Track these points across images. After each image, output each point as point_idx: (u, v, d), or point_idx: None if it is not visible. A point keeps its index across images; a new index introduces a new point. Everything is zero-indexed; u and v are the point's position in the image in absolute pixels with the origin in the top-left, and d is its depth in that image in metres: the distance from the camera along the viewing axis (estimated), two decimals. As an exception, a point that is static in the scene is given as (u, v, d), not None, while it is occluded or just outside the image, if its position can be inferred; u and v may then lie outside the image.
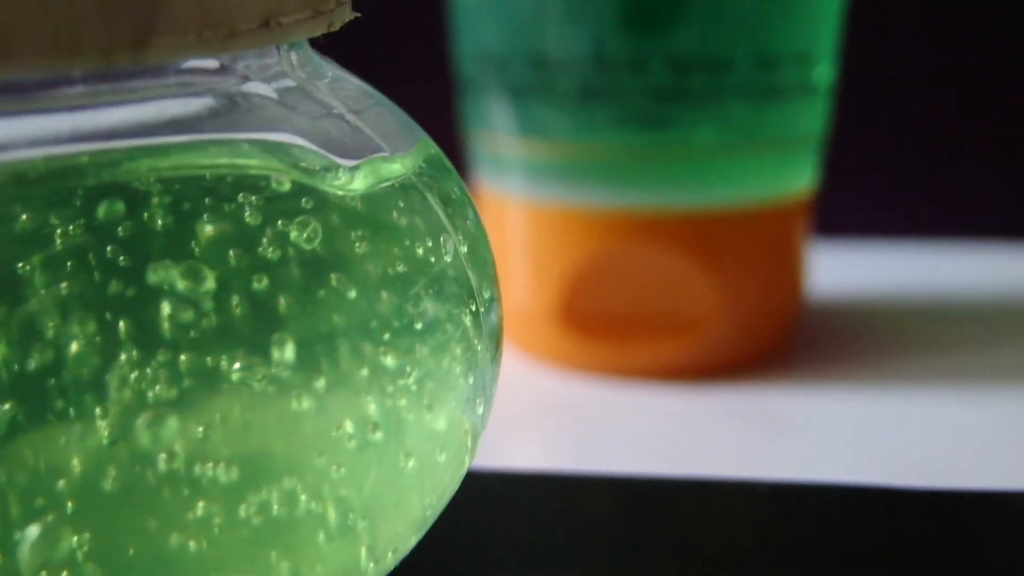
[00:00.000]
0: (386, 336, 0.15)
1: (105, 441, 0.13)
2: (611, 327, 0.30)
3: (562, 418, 0.28)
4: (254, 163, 0.14)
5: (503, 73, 0.29)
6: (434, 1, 0.35)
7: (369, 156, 0.15)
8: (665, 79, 0.28)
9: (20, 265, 0.13)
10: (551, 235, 0.30)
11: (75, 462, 0.13)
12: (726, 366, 0.30)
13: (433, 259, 0.15)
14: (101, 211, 0.13)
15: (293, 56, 0.16)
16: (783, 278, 0.31)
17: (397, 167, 0.16)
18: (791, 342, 0.31)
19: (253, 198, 0.14)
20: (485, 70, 0.30)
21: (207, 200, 0.14)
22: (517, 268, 0.30)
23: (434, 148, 0.17)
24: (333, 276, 0.14)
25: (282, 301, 0.14)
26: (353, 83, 0.17)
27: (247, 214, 0.14)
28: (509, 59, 0.29)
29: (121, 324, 0.13)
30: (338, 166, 0.15)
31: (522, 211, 0.30)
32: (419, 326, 0.15)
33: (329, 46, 0.16)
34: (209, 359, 0.13)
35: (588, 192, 0.29)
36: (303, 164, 0.15)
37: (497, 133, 0.30)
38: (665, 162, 0.29)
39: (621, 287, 0.29)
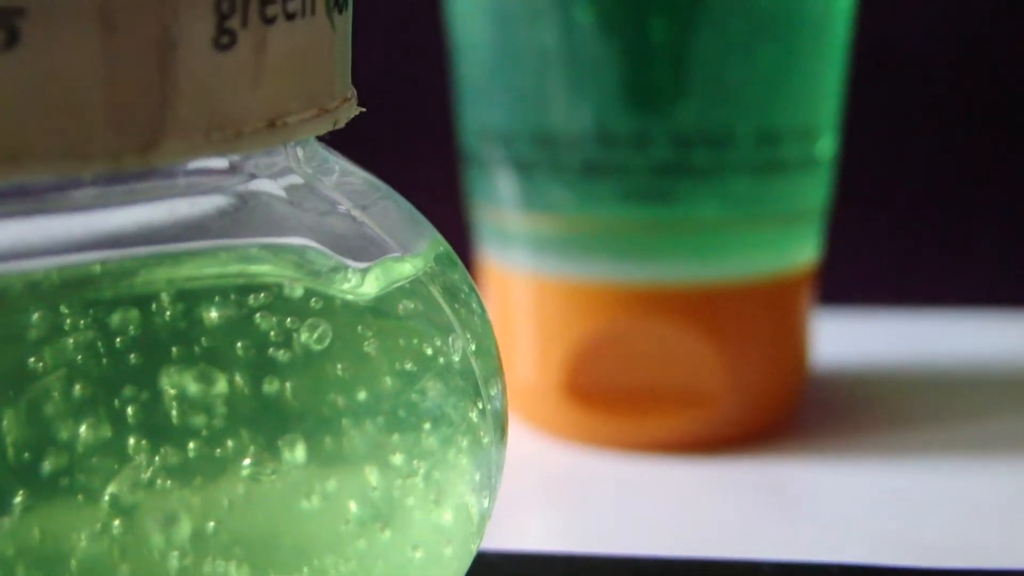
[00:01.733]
0: (394, 436, 0.15)
1: (115, 542, 0.13)
2: (616, 400, 0.30)
3: (567, 493, 0.28)
4: (265, 269, 0.14)
5: (507, 148, 0.30)
6: (440, 77, 0.36)
7: (380, 257, 0.16)
8: (668, 154, 0.29)
9: (35, 369, 0.13)
10: (556, 309, 0.30)
11: (84, 557, 0.13)
12: (732, 438, 0.30)
13: (441, 359, 0.15)
14: (115, 320, 0.13)
15: (299, 151, 0.16)
16: (788, 350, 0.31)
17: (408, 268, 0.16)
18: (797, 413, 0.31)
19: (264, 304, 0.14)
20: (489, 145, 0.30)
21: (219, 307, 0.14)
22: (522, 341, 0.30)
23: (443, 244, 0.17)
24: (342, 376, 0.14)
25: (292, 402, 0.14)
26: (359, 175, 0.17)
27: (258, 319, 0.14)
28: (513, 135, 0.29)
29: (134, 429, 0.13)
30: (348, 267, 0.15)
31: (527, 285, 0.30)
32: (427, 425, 0.15)
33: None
34: (219, 458, 0.14)
35: (592, 266, 0.29)
36: (313, 267, 0.15)
37: (502, 207, 0.30)
38: (668, 236, 0.29)
39: (626, 361, 0.30)
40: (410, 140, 0.40)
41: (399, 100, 0.39)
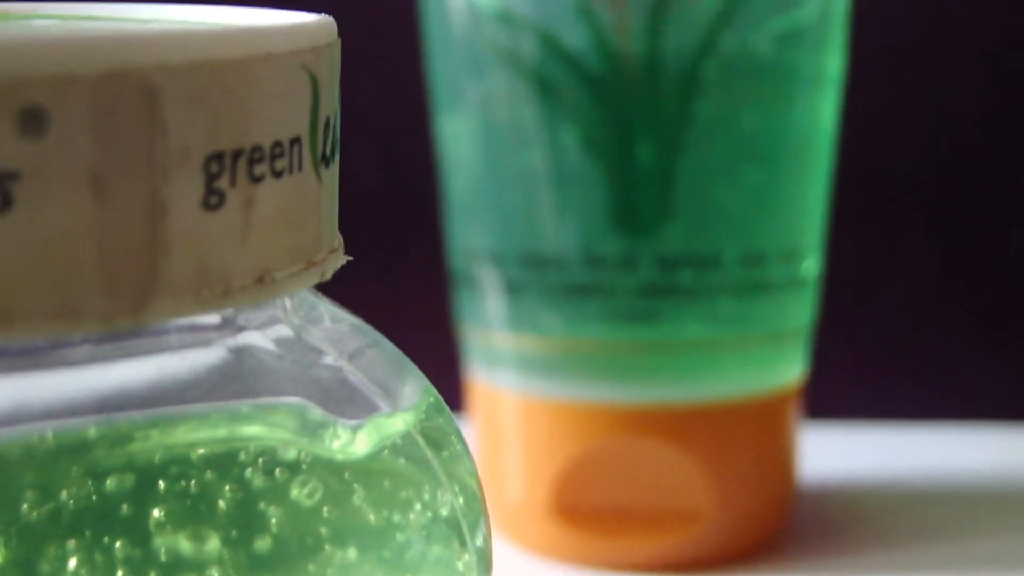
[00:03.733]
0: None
1: None
2: (604, 520, 0.30)
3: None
4: (256, 431, 0.15)
5: (495, 269, 0.30)
6: (430, 197, 0.36)
7: (369, 412, 0.16)
8: (654, 276, 0.29)
9: (28, 532, 0.13)
10: (544, 429, 0.30)
11: None
12: (721, 557, 0.30)
13: (429, 513, 0.16)
14: (109, 484, 0.14)
15: (287, 301, 0.16)
16: (776, 467, 0.31)
17: (398, 424, 0.16)
18: (785, 530, 0.31)
19: (255, 465, 0.14)
20: (477, 266, 0.30)
21: (211, 469, 0.14)
22: (510, 461, 0.31)
23: (432, 394, 0.17)
24: (331, 533, 0.15)
25: (281, 559, 0.14)
26: (346, 321, 0.17)
27: (249, 478, 0.14)
28: (501, 255, 0.30)
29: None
30: (337, 423, 0.15)
31: (515, 405, 0.30)
32: (413, 576, 0.15)
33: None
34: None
35: (580, 387, 0.30)
36: (304, 426, 0.15)
37: (490, 328, 0.30)
38: (655, 357, 0.29)
39: (614, 480, 0.30)
40: (398, 260, 0.40)
41: (388, 219, 0.40)
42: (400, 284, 0.39)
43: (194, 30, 0.14)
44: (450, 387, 0.34)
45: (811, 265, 0.30)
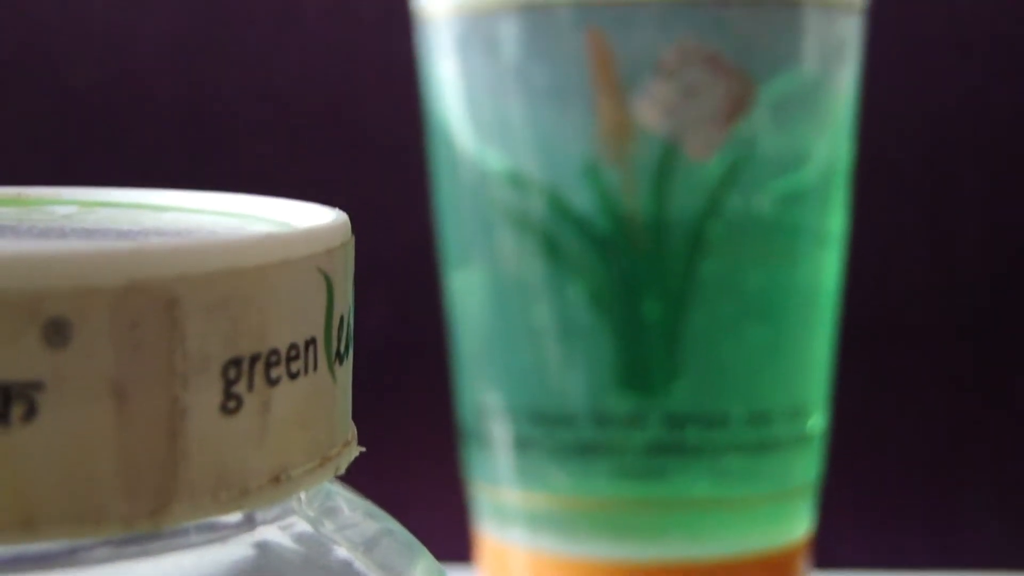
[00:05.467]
0: None
1: None
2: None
3: None
4: None
5: (504, 426, 0.30)
6: (441, 351, 0.36)
7: None
8: (661, 434, 0.29)
9: None
10: (553, 585, 0.30)
11: None
12: None
13: None
14: None
15: (302, 494, 0.16)
16: (783, 622, 0.31)
17: None
18: None
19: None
20: (486, 422, 0.31)
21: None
22: (520, 617, 0.31)
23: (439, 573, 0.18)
24: None
25: None
26: (360, 507, 0.17)
27: None
28: (509, 412, 0.30)
29: None
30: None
31: (524, 561, 0.31)
32: None
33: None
34: None
35: (588, 544, 0.30)
36: None
37: (498, 484, 0.31)
38: (663, 515, 0.30)
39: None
40: (408, 414, 0.40)
41: (398, 373, 0.40)
42: (410, 439, 0.40)
43: (212, 241, 0.14)
44: (460, 541, 0.34)
45: (817, 422, 0.31)
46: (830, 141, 0.30)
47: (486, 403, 0.31)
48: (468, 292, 0.31)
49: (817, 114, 0.30)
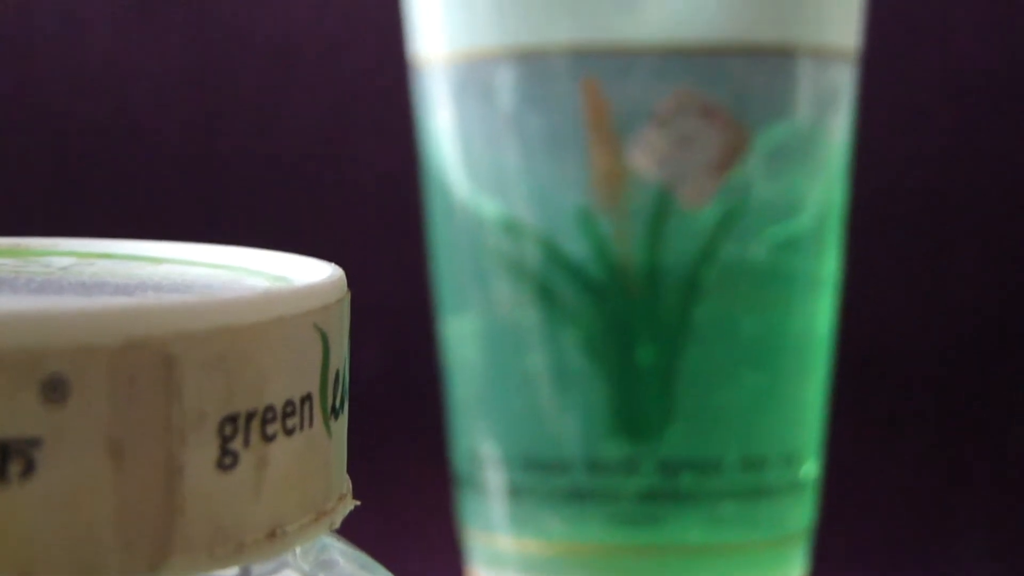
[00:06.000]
0: None
1: None
2: None
3: None
4: None
5: (497, 472, 0.30)
6: (434, 397, 0.36)
7: None
8: (655, 480, 0.29)
9: None
10: (547, 632, 0.30)
11: None
12: None
13: None
14: None
15: (297, 548, 0.16)
16: (778, 669, 0.31)
17: None
18: None
19: None
20: (479, 468, 0.31)
21: None
22: (514, 663, 0.31)
23: None
24: None
25: None
26: (353, 560, 0.17)
27: None
28: (503, 458, 0.30)
29: None
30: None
31: (518, 607, 0.31)
32: None
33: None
34: None
35: (583, 591, 0.30)
36: None
37: (492, 530, 0.31)
38: (657, 562, 0.30)
39: None
40: (401, 460, 0.40)
41: (391, 420, 0.40)
42: (404, 486, 0.40)
43: (209, 298, 0.14)
44: (453, 587, 0.34)
45: (811, 468, 0.31)
46: (824, 188, 0.31)
47: (480, 450, 0.31)
48: (462, 338, 0.31)
49: (811, 162, 0.30)
